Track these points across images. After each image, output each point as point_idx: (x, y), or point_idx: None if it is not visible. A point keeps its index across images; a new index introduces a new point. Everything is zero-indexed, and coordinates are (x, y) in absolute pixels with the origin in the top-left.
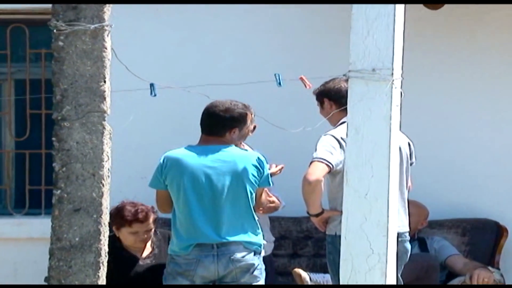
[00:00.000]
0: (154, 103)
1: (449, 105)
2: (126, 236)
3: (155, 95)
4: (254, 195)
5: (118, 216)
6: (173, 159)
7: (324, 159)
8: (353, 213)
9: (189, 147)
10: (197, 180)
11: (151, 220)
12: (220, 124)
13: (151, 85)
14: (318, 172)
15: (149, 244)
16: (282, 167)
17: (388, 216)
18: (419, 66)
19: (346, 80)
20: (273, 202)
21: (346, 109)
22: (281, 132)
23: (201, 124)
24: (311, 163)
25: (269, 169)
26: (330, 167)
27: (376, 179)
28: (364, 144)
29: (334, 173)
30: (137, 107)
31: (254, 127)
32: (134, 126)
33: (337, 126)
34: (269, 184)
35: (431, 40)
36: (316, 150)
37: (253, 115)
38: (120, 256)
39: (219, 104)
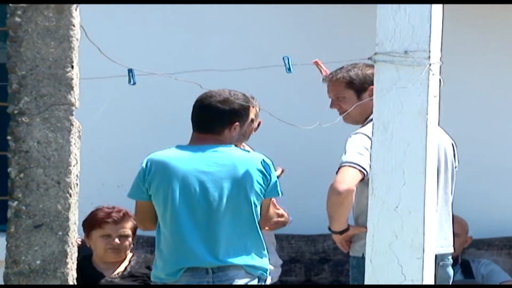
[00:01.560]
0: (133, 93)
1: (499, 96)
2: (96, 242)
3: (134, 83)
4: (259, 207)
5: (90, 218)
6: (158, 163)
7: (357, 164)
8: (380, 230)
9: (179, 148)
10: (189, 189)
11: (128, 224)
12: (217, 119)
13: (129, 71)
14: (349, 179)
15: (125, 263)
16: (282, 171)
17: (424, 234)
18: (462, 48)
19: (372, 66)
20: (281, 215)
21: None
22: (290, 129)
23: (193, 119)
24: (339, 168)
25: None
26: (363, 173)
27: (409, 187)
28: (394, 144)
29: (367, 181)
30: (112, 98)
31: (259, 124)
32: (108, 122)
33: (367, 123)
34: (278, 194)
35: (476, 15)
36: (345, 152)
37: (257, 109)
38: (84, 273)
39: (215, 94)
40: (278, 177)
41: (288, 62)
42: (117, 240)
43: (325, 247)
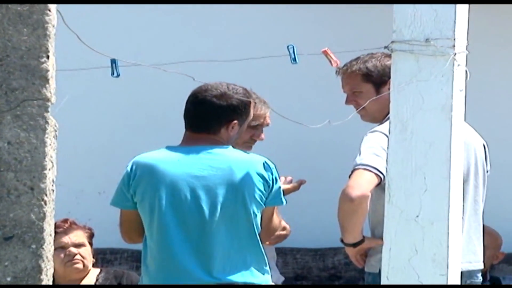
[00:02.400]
0: (117, 87)
1: None
2: (56, 259)
3: (118, 75)
4: (259, 216)
5: None
6: (144, 166)
7: (373, 167)
8: (398, 242)
9: (168, 149)
10: (178, 196)
11: (79, 233)
12: (213, 116)
13: (113, 61)
14: (364, 184)
15: (91, 280)
16: (301, 183)
17: (448, 247)
18: (490, 36)
19: (389, 56)
20: (284, 228)
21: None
22: (296, 128)
23: (186, 116)
24: (353, 171)
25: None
26: (380, 177)
27: (431, 194)
28: (413, 145)
29: (384, 187)
30: (93, 92)
31: (261, 125)
32: (89, 119)
33: (385, 120)
34: (282, 202)
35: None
36: (360, 153)
37: (265, 110)
38: None
39: (211, 88)
40: (293, 190)
41: (293, 52)
42: (73, 249)
43: (336, 262)
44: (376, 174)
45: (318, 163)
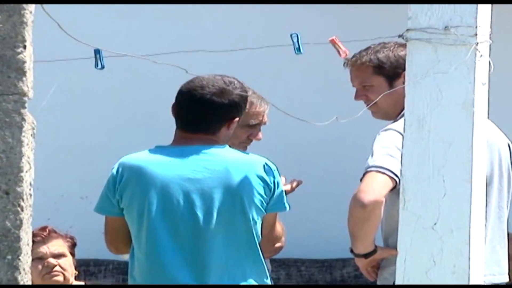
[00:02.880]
0: (101, 81)
1: None
2: (34, 271)
3: (102, 67)
4: (259, 224)
5: None
6: (132, 168)
7: (387, 169)
8: (414, 253)
9: (158, 149)
10: (170, 201)
11: (59, 242)
12: (215, 116)
13: (97, 52)
14: (377, 188)
15: None
16: (298, 183)
17: (469, 258)
18: None
19: (403, 45)
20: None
21: None
22: (300, 126)
23: (179, 115)
24: (365, 174)
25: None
26: (395, 181)
27: (451, 199)
28: (431, 144)
29: (399, 191)
30: (74, 87)
31: (259, 124)
32: (70, 116)
33: (400, 117)
34: (285, 207)
35: None
36: (372, 154)
37: (264, 107)
38: None
39: (208, 84)
40: (290, 191)
41: (298, 41)
42: (52, 261)
43: (344, 274)
44: (390, 177)
45: (324, 165)
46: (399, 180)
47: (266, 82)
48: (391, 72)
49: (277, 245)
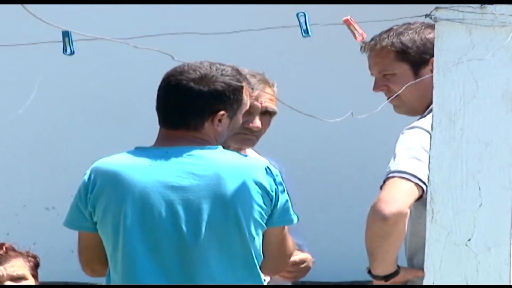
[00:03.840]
0: (71, 69)
1: None
2: None
3: (72, 53)
4: (259, 240)
5: None
6: (106, 174)
7: (412, 174)
8: (444, 274)
9: (138, 152)
10: (150, 213)
11: (19, 262)
12: (191, 106)
13: (65, 35)
14: (400, 198)
15: None
16: (307, 263)
17: (510, 280)
18: None
19: (431, 26)
20: (302, 262)
21: None
22: (308, 123)
23: (158, 108)
24: (386, 180)
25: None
26: (421, 188)
27: (488, 210)
28: (465, 145)
29: (426, 201)
30: (38, 75)
31: (254, 108)
32: (34, 113)
33: (428, 113)
34: (292, 220)
35: None
36: (394, 157)
37: (261, 87)
38: None
39: (189, 69)
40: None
41: (305, 21)
42: (10, 284)
43: None
44: (416, 184)
45: (336, 170)
46: (427, 187)
47: (267, 70)
48: (417, 58)
49: (302, 265)
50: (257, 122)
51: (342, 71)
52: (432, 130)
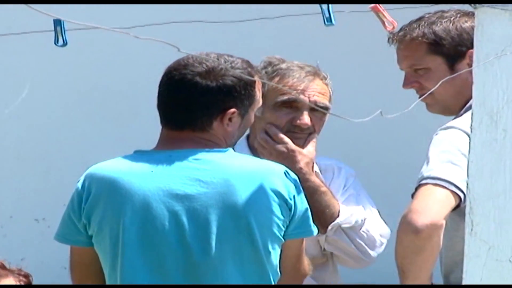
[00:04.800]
0: (62, 61)
1: None
2: None
3: (64, 43)
4: (277, 255)
5: None
6: (102, 182)
7: (448, 181)
8: None
9: (138, 156)
10: (153, 225)
11: (10, 280)
12: (199, 104)
13: (57, 23)
14: (435, 208)
15: None
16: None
17: None
18: None
19: (467, 14)
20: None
21: None
22: (334, 122)
23: (160, 106)
24: (419, 188)
25: None
26: (459, 197)
27: None
28: (508, 148)
29: (464, 211)
30: (27, 69)
31: (298, 102)
32: (21, 110)
33: (465, 111)
34: (311, 231)
35: None
36: (428, 161)
37: (308, 81)
38: None
39: (194, 62)
40: None
41: (328, 9)
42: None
43: None
44: (452, 192)
45: (364, 173)
46: (465, 196)
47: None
48: (452, 50)
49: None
50: (305, 119)
51: (369, 65)
52: (471, 131)
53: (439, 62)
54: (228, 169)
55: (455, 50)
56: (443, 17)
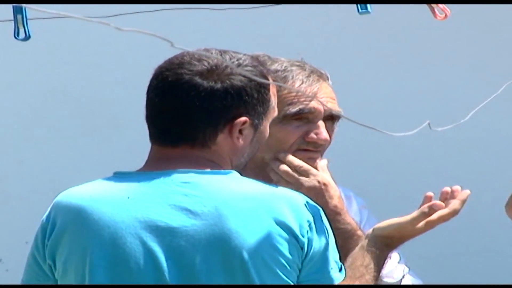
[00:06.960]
0: (25, 58)
1: None
2: None
3: (27, 36)
4: None
5: None
6: (69, 211)
7: None
8: None
9: (117, 178)
10: (127, 266)
11: None
12: (201, 111)
13: (17, 11)
14: None
15: None
16: (462, 199)
17: None
18: None
19: None
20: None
21: None
22: (371, 136)
23: (148, 116)
24: None
25: None
26: None
27: None
28: None
29: None
30: None
31: (314, 114)
32: None
33: None
34: (332, 279)
35: None
36: None
37: (318, 84)
38: None
39: (191, 59)
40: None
41: None
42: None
43: None
44: None
45: (404, 194)
46: None
47: (309, 59)
48: None
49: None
50: (323, 132)
51: (415, 64)
52: None
53: None
54: (224, 196)
55: None
56: None
